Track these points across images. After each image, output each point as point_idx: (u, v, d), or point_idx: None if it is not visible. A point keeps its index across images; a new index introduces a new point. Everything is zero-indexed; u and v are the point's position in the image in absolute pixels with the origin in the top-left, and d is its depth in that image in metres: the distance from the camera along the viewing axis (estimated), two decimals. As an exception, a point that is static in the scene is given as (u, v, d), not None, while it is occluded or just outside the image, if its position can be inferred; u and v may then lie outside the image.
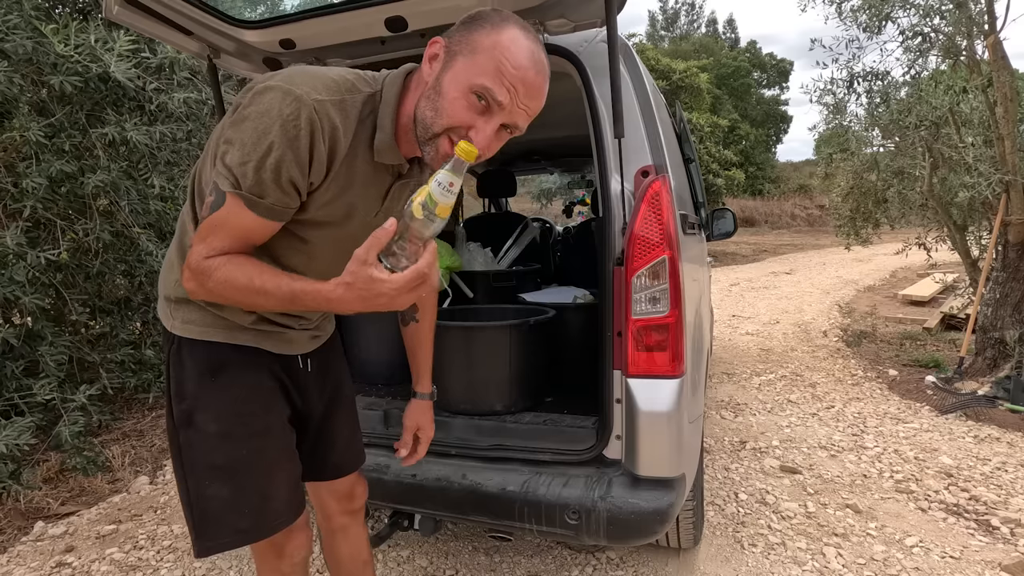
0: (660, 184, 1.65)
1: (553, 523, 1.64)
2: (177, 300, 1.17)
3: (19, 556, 2.45)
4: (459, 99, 0.98)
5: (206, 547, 1.18)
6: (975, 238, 5.16)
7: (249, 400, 1.18)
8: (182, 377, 1.16)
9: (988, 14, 3.92)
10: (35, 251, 2.88)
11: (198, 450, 1.15)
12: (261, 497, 1.18)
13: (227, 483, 1.15)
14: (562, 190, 13.61)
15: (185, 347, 1.16)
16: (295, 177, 0.98)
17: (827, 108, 5.33)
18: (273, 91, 0.96)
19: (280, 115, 0.95)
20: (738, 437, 3.42)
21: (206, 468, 1.15)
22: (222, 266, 1.00)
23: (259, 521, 1.19)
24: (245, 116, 0.97)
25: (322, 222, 1.10)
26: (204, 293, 1.03)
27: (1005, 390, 3.77)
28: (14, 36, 2.68)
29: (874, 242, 6.85)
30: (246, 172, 0.96)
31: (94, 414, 3.24)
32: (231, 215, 0.99)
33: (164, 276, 1.22)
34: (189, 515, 1.18)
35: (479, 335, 2.10)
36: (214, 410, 1.15)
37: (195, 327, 1.16)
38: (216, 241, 1.00)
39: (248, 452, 1.16)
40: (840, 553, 2.28)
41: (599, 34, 1.78)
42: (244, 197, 0.97)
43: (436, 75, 1.01)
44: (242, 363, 1.18)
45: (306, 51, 1.91)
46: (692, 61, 18.45)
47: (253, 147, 0.95)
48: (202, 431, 1.14)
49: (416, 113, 1.03)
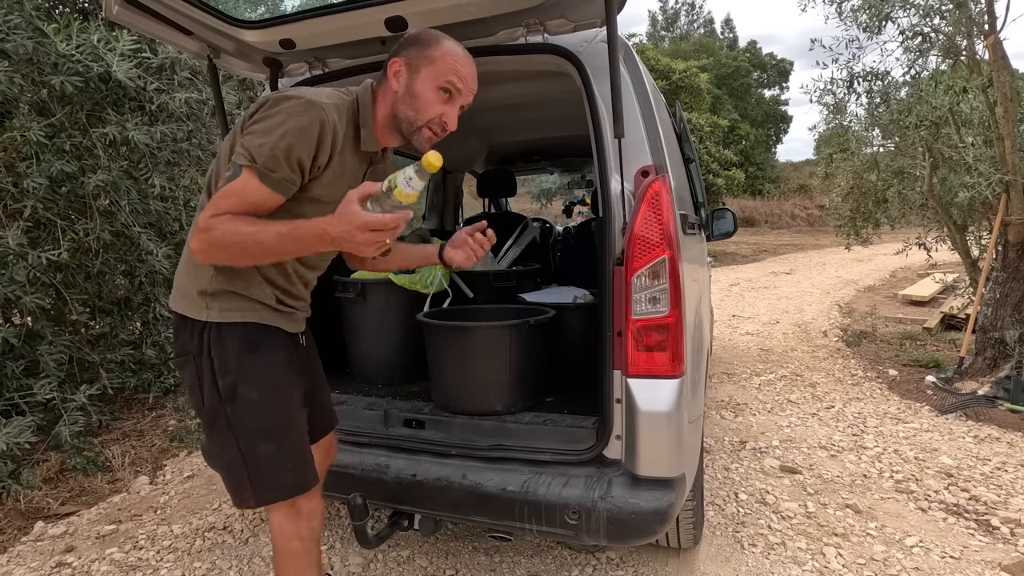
0: (660, 184, 1.65)
1: (553, 523, 1.65)
2: (213, 292, 1.35)
3: (19, 556, 2.45)
4: (431, 97, 1.34)
5: (264, 499, 1.38)
6: (975, 238, 5.16)
7: (281, 372, 1.40)
8: (225, 355, 1.34)
9: (988, 14, 3.92)
10: (36, 251, 2.88)
11: (244, 416, 1.35)
12: (300, 454, 1.41)
13: (272, 442, 1.37)
14: (562, 190, 13.63)
15: (225, 330, 1.35)
16: (303, 159, 1.24)
17: (827, 108, 5.33)
18: (291, 98, 1.25)
19: (295, 112, 1.22)
20: (738, 437, 3.42)
21: (253, 431, 1.35)
22: (228, 220, 1.20)
23: (299, 477, 1.40)
24: (268, 114, 1.23)
25: (323, 200, 1.33)
26: (207, 247, 1.21)
27: (1005, 390, 3.77)
28: (15, 36, 2.68)
29: (874, 242, 6.85)
30: (262, 151, 1.20)
31: (94, 414, 3.24)
32: (245, 186, 1.21)
33: (192, 273, 1.38)
34: (242, 476, 1.37)
35: (479, 335, 2.10)
36: (255, 381, 1.35)
37: (234, 312, 1.35)
38: (225, 204, 1.20)
39: (285, 415, 1.39)
40: (840, 553, 2.28)
41: (599, 34, 1.78)
42: (258, 170, 1.20)
43: (406, 85, 1.35)
44: (271, 342, 1.40)
45: (306, 51, 1.91)
46: (692, 61, 18.45)
47: (270, 133, 1.21)
48: (246, 399, 1.34)
49: (397, 115, 1.37)
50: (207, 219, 1.19)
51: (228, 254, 1.24)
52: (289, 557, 1.43)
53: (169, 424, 3.71)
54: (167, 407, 3.88)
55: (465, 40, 1.81)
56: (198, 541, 2.47)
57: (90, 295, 3.43)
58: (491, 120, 3.46)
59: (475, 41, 1.83)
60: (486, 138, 3.98)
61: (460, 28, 1.76)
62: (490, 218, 4.15)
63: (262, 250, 1.22)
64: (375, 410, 2.13)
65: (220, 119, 2.08)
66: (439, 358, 2.15)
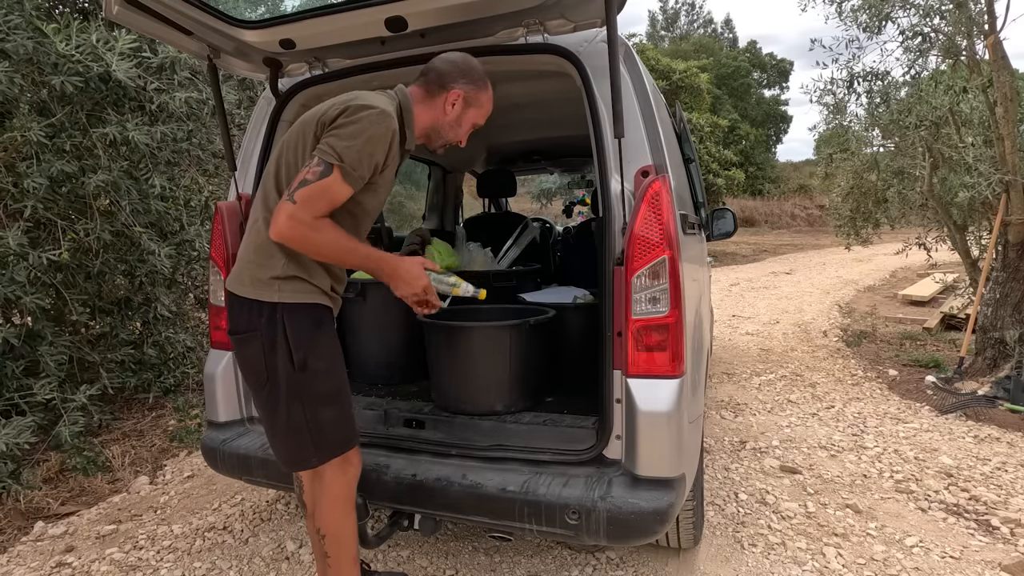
0: (660, 184, 1.65)
1: (553, 523, 1.64)
2: (285, 278, 1.55)
3: (19, 556, 2.45)
4: (468, 129, 1.72)
5: (324, 457, 1.60)
6: (975, 238, 5.16)
7: (338, 345, 1.65)
8: (298, 330, 1.55)
9: (988, 14, 3.92)
10: (36, 251, 2.88)
11: (312, 384, 1.56)
12: (350, 415, 1.66)
13: (333, 406, 1.60)
14: (562, 190, 13.62)
15: (298, 309, 1.56)
16: (378, 161, 1.51)
17: (827, 108, 5.32)
18: (370, 107, 1.48)
19: (375, 121, 1.47)
20: (738, 437, 3.42)
21: (318, 396, 1.58)
22: (329, 227, 1.48)
23: (351, 433, 1.65)
24: (351, 120, 1.46)
25: (378, 188, 1.60)
26: (302, 241, 1.47)
27: (1005, 390, 3.77)
28: (15, 36, 2.68)
29: (874, 242, 6.85)
30: (349, 152, 1.45)
31: (94, 414, 3.25)
32: (333, 182, 1.45)
33: (263, 264, 1.57)
34: (306, 440, 1.58)
35: (479, 335, 2.10)
36: (322, 353, 1.58)
37: (303, 294, 1.57)
38: (322, 205, 1.45)
39: (341, 382, 1.64)
40: (840, 553, 2.28)
41: (599, 34, 1.78)
42: (343, 168, 1.45)
43: (457, 116, 1.67)
44: (329, 320, 1.63)
45: (306, 51, 1.91)
46: (692, 61, 18.43)
47: (356, 138, 1.45)
48: (314, 369, 1.56)
49: (440, 131, 1.68)
50: (312, 218, 1.44)
51: (316, 250, 1.50)
52: (336, 501, 1.66)
53: (169, 424, 3.71)
54: (167, 407, 3.88)
55: (465, 40, 1.83)
56: (198, 541, 2.47)
57: (90, 295, 3.43)
58: (491, 120, 3.45)
59: (475, 41, 1.83)
60: (486, 138, 3.97)
61: (460, 28, 1.77)
62: (490, 218, 4.15)
63: (343, 259, 1.53)
64: (375, 410, 2.13)
65: (220, 119, 2.08)
66: (439, 358, 2.15)
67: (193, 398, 3.95)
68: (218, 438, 2.12)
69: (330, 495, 1.66)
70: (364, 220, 1.64)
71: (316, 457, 1.60)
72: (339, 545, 1.71)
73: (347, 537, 1.70)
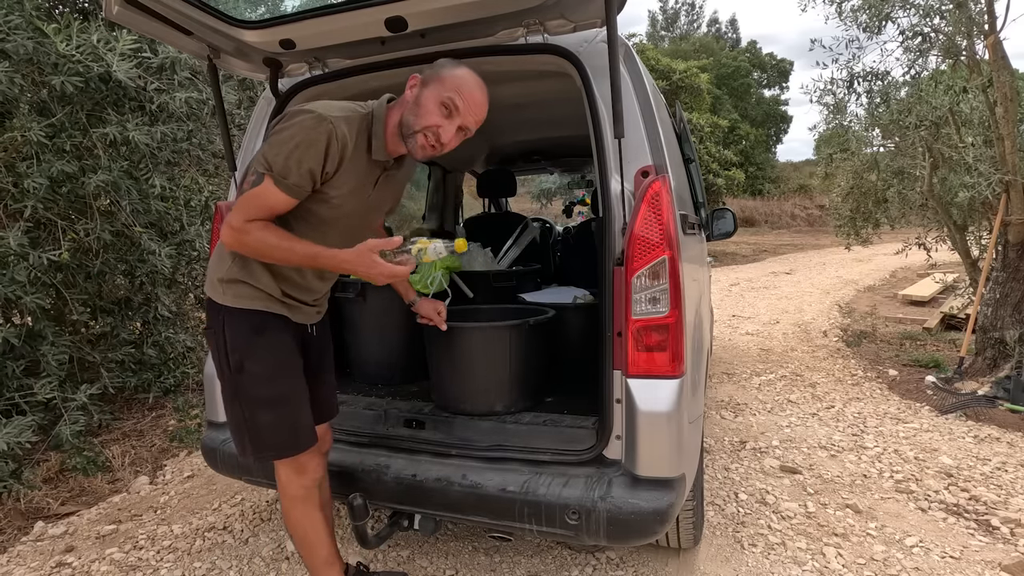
0: (660, 184, 1.65)
1: (553, 523, 1.65)
2: (229, 280, 1.57)
3: (19, 556, 2.45)
4: (431, 108, 1.49)
5: (260, 457, 1.64)
6: (975, 238, 5.16)
7: (284, 352, 1.62)
8: (235, 334, 1.57)
9: (988, 14, 3.92)
10: (36, 251, 2.88)
11: (248, 387, 1.58)
12: (294, 422, 1.63)
13: (270, 411, 1.60)
14: (562, 190, 13.61)
15: (237, 314, 1.57)
16: (312, 168, 1.44)
17: (827, 108, 5.32)
18: (304, 112, 1.44)
19: (306, 126, 1.42)
20: (738, 437, 3.42)
21: (254, 400, 1.59)
22: (260, 228, 1.45)
23: (292, 440, 1.63)
24: (284, 127, 1.44)
25: (333, 200, 1.54)
26: (239, 246, 1.48)
27: (1005, 390, 3.77)
28: (15, 36, 2.68)
29: (874, 242, 6.85)
30: (277, 160, 1.41)
31: (94, 414, 3.25)
32: (264, 189, 1.43)
33: (216, 263, 1.61)
34: (244, 436, 1.62)
35: (479, 335, 2.10)
36: (259, 358, 1.58)
37: (244, 299, 1.57)
38: (252, 211, 1.45)
39: (286, 388, 1.62)
40: (840, 553, 2.28)
41: (599, 34, 1.78)
42: (274, 176, 1.42)
43: (415, 96, 1.52)
44: (277, 326, 1.61)
45: (306, 51, 1.91)
46: (692, 61, 18.43)
47: (285, 144, 1.42)
48: (251, 373, 1.57)
49: (401, 120, 1.53)
50: (241, 222, 1.44)
51: (251, 252, 1.50)
52: (293, 501, 1.70)
53: (169, 424, 3.71)
54: (167, 407, 3.88)
55: (465, 40, 1.83)
56: (198, 541, 2.47)
57: (90, 295, 3.43)
58: (491, 120, 3.43)
59: (475, 41, 1.83)
60: (486, 138, 3.97)
61: (460, 28, 1.77)
62: (490, 218, 4.15)
63: (284, 258, 1.50)
64: (375, 410, 2.13)
65: (220, 119, 2.08)
66: (439, 358, 2.15)
67: (193, 398, 3.95)
68: (218, 438, 2.12)
69: (286, 495, 1.70)
70: (328, 230, 1.56)
71: (253, 455, 1.64)
72: (305, 547, 1.75)
73: (313, 539, 1.73)
